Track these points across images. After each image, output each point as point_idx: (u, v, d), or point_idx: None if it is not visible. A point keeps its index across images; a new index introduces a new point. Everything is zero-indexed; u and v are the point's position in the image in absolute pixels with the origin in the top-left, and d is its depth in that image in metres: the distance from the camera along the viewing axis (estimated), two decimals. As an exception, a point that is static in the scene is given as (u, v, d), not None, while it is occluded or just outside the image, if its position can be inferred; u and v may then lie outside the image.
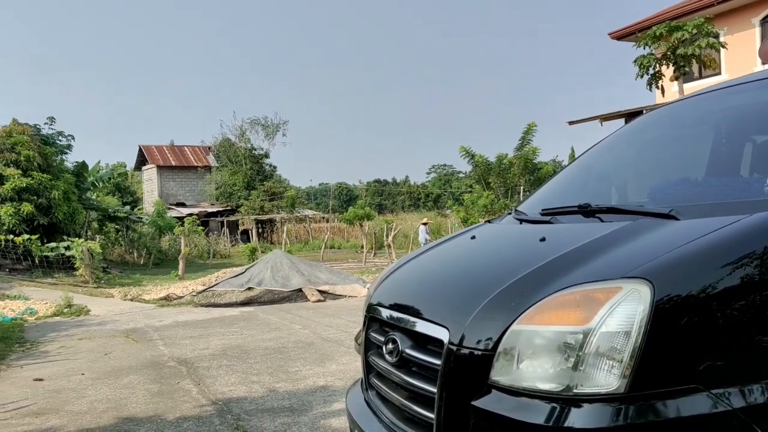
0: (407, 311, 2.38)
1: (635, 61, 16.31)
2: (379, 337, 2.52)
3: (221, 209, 41.16)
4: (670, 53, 15.78)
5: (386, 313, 2.52)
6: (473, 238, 2.81)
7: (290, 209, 39.98)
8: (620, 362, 1.67)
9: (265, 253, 20.78)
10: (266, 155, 43.74)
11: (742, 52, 17.85)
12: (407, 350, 2.24)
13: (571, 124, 18.59)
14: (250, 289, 13.13)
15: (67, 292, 14.87)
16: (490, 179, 27.29)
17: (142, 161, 45.94)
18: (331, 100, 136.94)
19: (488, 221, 3.28)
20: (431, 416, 2.03)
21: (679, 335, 1.68)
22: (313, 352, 7.47)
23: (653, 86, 16.47)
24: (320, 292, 13.04)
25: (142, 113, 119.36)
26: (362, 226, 27.78)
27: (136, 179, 50.45)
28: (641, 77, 16.32)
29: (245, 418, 4.93)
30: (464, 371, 1.93)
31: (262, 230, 37.09)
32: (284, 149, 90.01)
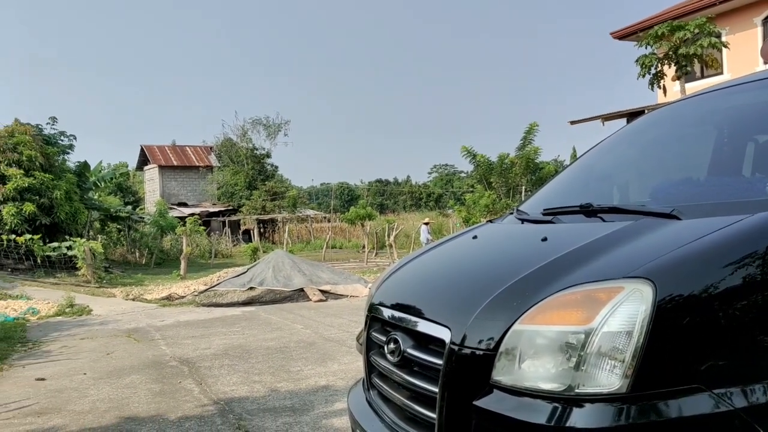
0: (409, 311, 2.38)
1: (637, 60, 16.31)
2: (380, 336, 2.52)
3: (223, 209, 41.20)
4: (672, 53, 15.77)
5: (388, 312, 2.52)
6: (475, 237, 2.81)
7: (292, 209, 40.01)
8: (622, 362, 1.66)
9: (266, 252, 20.79)
10: (268, 155, 43.85)
11: (744, 51, 17.83)
12: (409, 350, 2.23)
13: (572, 123, 18.57)
14: (251, 288, 13.14)
15: (69, 291, 14.91)
16: (491, 179, 27.27)
17: (143, 161, 46.01)
18: (332, 99, 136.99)
19: (490, 221, 3.28)
20: (433, 416, 2.03)
21: (681, 335, 1.68)
22: (314, 351, 7.47)
23: (655, 86, 16.46)
24: (322, 291, 13.05)
25: (143, 113, 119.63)
26: (364, 226, 27.82)
27: (137, 179, 50.48)
28: (643, 77, 16.32)
29: (247, 417, 4.93)
30: (466, 371, 1.93)
31: (263, 230, 37.11)
32: (286, 149, 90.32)
